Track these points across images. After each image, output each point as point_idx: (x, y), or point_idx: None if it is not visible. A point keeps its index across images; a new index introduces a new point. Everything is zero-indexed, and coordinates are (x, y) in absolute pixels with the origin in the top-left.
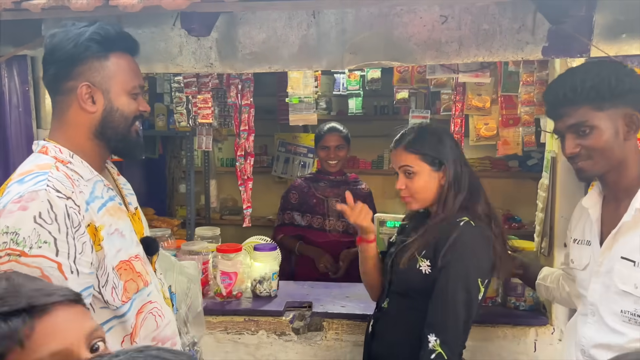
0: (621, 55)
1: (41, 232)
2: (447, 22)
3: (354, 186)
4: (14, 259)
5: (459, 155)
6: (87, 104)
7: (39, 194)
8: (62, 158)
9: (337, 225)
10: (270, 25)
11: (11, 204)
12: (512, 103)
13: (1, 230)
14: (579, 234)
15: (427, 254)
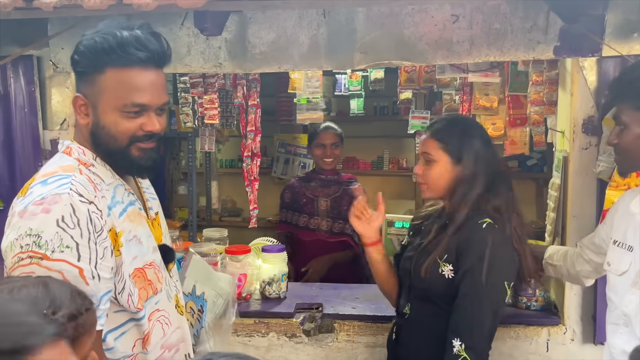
0: (633, 54)
1: (64, 236)
2: (458, 21)
3: (346, 186)
4: (36, 262)
5: (484, 153)
6: (80, 115)
7: (62, 197)
8: (84, 160)
9: (322, 224)
10: (280, 24)
11: (33, 206)
12: (520, 103)
13: (24, 232)
14: (621, 236)
15: (449, 258)
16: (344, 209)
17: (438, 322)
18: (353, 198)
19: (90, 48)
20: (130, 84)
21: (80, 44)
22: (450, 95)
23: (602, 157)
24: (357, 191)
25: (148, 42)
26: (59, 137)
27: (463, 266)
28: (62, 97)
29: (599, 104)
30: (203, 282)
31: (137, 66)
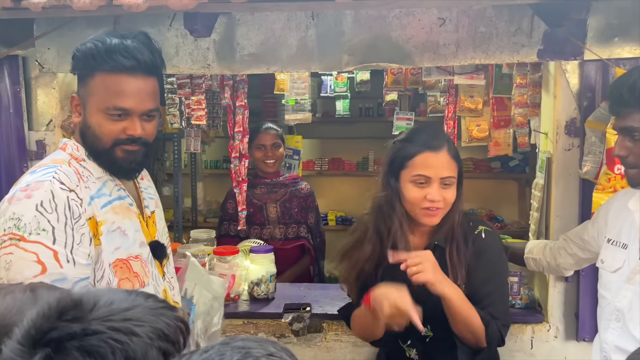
0: (613, 58)
1: (41, 219)
2: (444, 24)
3: (292, 187)
4: (14, 243)
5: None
6: (75, 114)
7: (44, 184)
8: (76, 155)
9: (276, 232)
10: (268, 26)
11: (19, 192)
12: (504, 105)
13: (8, 216)
14: (615, 235)
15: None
16: (294, 211)
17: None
18: (301, 199)
19: (84, 52)
20: (115, 88)
21: (78, 48)
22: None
23: (587, 157)
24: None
25: (136, 51)
26: (44, 138)
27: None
28: (48, 97)
29: (581, 106)
30: (202, 285)
31: (123, 72)
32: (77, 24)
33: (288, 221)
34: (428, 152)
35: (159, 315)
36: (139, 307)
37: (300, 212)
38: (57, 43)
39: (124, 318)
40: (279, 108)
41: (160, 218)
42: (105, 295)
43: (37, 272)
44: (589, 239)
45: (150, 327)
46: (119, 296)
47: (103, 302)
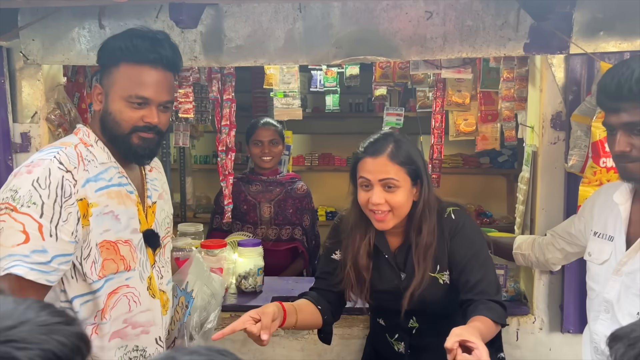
0: (599, 52)
1: (34, 194)
2: (432, 17)
3: (289, 187)
4: (7, 212)
5: (423, 161)
6: (96, 102)
7: (44, 162)
8: (86, 140)
9: (269, 233)
10: (256, 18)
11: (24, 167)
12: (491, 99)
13: (9, 187)
14: (601, 228)
15: (442, 267)
16: (289, 212)
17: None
18: (297, 200)
19: (111, 44)
20: (138, 79)
21: (106, 41)
22: (424, 92)
23: (573, 151)
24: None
25: (159, 46)
26: (29, 131)
27: (458, 255)
28: (33, 89)
29: (567, 100)
30: (203, 280)
31: (146, 64)
32: (62, 14)
33: (282, 222)
34: (367, 158)
35: (51, 333)
36: (26, 324)
37: (295, 214)
38: (42, 34)
39: (5, 339)
40: (268, 103)
41: (162, 209)
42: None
43: (20, 241)
44: (576, 233)
45: (39, 349)
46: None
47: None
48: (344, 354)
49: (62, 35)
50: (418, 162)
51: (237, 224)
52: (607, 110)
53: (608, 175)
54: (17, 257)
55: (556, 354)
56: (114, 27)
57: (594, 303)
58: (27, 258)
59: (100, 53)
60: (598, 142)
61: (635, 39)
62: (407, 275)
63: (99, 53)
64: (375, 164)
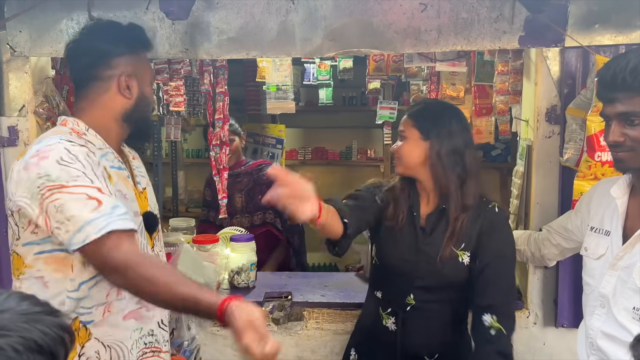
0: (594, 45)
1: (69, 169)
2: (426, 10)
3: (256, 175)
4: (57, 191)
5: (455, 133)
6: (126, 92)
7: (54, 146)
8: (77, 129)
9: (243, 221)
10: (248, 10)
11: (31, 158)
12: (485, 93)
13: (34, 177)
14: (598, 222)
15: (467, 246)
16: (258, 198)
17: (451, 308)
18: (265, 185)
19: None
20: (149, 64)
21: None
22: (418, 85)
23: (568, 145)
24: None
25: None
26: (17, 124)
27: (487, 252)
28: (21, 82)
29: (562, 94)
30: (194, 271)
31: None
32: (49, 5)
33: (252, 210)
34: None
35: (33, 322)
36: (6, 313)
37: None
38: (29, 26)
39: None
40: (261, 96)
41: (152, 194)
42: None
43: (94, 206)
44: (572, 229)
45: (19, 336)
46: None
47: None
48: (337, 349)
49: (50, 26)
50: (435, 122)
51: (213, 214)
52: (603, 100)
53: (603, 169)
54: (102, 219)
55: (550, 348)
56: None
57: (589, 298)
58: (111, 215)
59: (118, 44)
60: (593, 135)
61: (630, 32)
62: (432, 242)
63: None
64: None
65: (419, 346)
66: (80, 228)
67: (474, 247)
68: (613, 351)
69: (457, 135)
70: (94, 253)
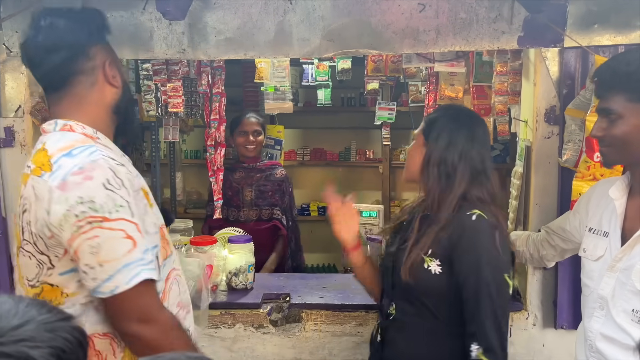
0: (593, 45)
1: (114, 197)
2: (424, 10)
3: (268, 172)
4: (97, 225)
5: (461, 140)
6: (115, 81)
7: (99, 163)
8: (89, 134)
9: (251, 214)
10: (245, 10)
11: (73, 176)
12: (484, 93)
13: (75, 201)
14: (596, 224)
15: (435, 253)
16: (268, 194)
17: (427, 319)
18: (275, 183)
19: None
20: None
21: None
22: (417, 86)
23: (567, 145)
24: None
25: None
26: (13, 125)
27: (461, 266)
28: (17, 83)
29: (561, 94)
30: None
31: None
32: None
33: (262, 204)
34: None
35: (55, 331)
36: (31, 323)
37: (274, 195)
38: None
39: (17, 339)
40: (260, 97)
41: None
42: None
43: (130, 247)
44: (571, 230)
45: (48, 347)
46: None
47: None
48: (335, 351)
49: None
50: (435, 126)
51: (224, 208)
52: (597, 96)
53: (602, 170)
54: (136, 264)
55: (549, 350)
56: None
57: (588, 300)
58: (143, 260)
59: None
60: None
61: (630, 32)
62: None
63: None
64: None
65: (393, 357)
66: (110, 277)
67: (443, 256)
68: (612, 353)
69: (456, 143)
70: (117, 300)
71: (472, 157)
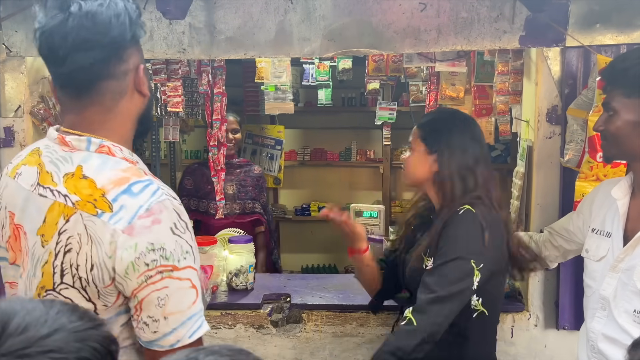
0: (595, 45)
1: (182, 243)
2: (426, 9)
3: (246, 168)
4: (168, 275)
5: (463, 146)
6: (144, 88)
7: (165, 205)
8: (130, 159)
9: (234, 207)
10: (246, 10)
11: (141, 220)
12: (485, 93)
13: (145, 248)
14: (599, 224)
15: (431, 252)
16: (249, 188)
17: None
18: (254, 179)
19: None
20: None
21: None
22: (417, 86)
23: (569, 145)
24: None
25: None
26: (13, 125)
27: (439, 248)
28: (17, 82)
29: (563, 94)
30: None
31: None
32: None
33: (244, 197)
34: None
35: (84, 340)
36: (60, 332)
37: (254, 190)
38: (25, 26)
39: (44, 350)
40: (260, 97)
41: None
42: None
43: (194, 298)
44: (574, 230)
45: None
46: (35, 315)
47: (14, 327)
48: (336, 351)
49: None
50: (438, 134)
51: (202, 201)
52: (603, 92)
53: (605, 170)
54: (198, 315)
55: (551, 350)
56: None
57: (590, 300)
58: (201, 313)
59: (137, 33)
60: (595, 136)
61: (632, 31)
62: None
63: (130, 28)
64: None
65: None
66: (173, 330)
67: (434, 253)
68: (614, 354)
69: (466, 149)
70: (170, 351)
71: (485, 159)
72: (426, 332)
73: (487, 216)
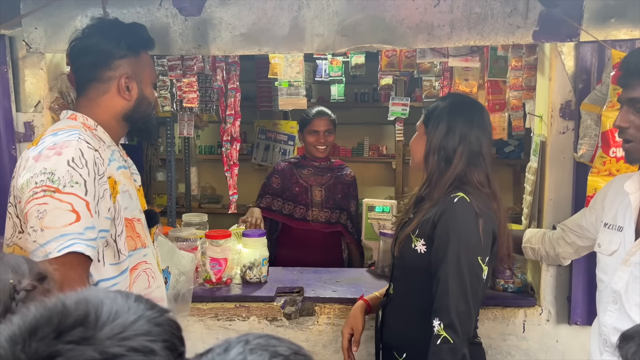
0: (610, 40)
1: (73, 174)
2: (439, 5)
3: (339, 173)
4: (49, 195)
5: (460, 129)
6: (125, 94)
7: (72, 143)
8: (88, 124)
9: (320, 215)
10: (260, 6)
11: (47, 150)
12: (499, 88)
13: (39, 171)
14: (611, 219)
15: (421, 233)
16: (338, 197)
17: (416, 298)
18: (345, 185)
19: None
20: (152, 63)
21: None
22: (430, 81)
23: (583, 140)
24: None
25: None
26: (32, 120)
27: (436, 245)
28: (36, 78)
29: (577, 89)
30: (170, 260)
31: (148, 51)
32: (64, 2)
33: (332, 206)
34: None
35: (162, 325)
36: (142, 318)
37: (344, 199)
38: (45, 22)
39: (138, 333)
40: (273, 93)
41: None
42: (105, 303)
43: (71, 220)
44: (587, 226)
45: (162, 341)
46: (120, 303)
47: (107, 314)
48: None
49: (65, 23)
50: (434, 114)
51: (288, 204)
52: (621, 85)
53: (618, 165)
54: (72, 236)
55: (563, 345)
56: (118, 15)
57: (602, 295)
58: (82, 235)
59: (120, 44)
60: (608, 131)
61: None
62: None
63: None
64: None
65: (389, 337)
66: (46, 242)
67: (427, 236)
68: None
69: (454, 129)
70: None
71: (470, 140)
72: (464, 345)
73: (482, 206)
